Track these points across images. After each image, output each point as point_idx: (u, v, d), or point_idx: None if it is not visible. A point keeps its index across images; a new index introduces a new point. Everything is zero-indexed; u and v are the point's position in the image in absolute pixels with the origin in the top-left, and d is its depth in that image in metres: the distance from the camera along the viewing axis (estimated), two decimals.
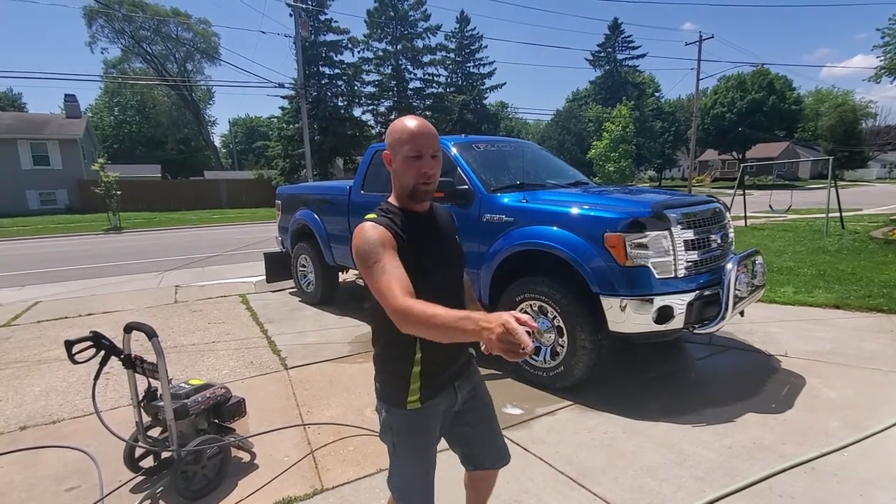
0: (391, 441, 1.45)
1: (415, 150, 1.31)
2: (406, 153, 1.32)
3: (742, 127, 41.16)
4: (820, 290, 5.49)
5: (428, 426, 1.43)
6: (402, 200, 1.40)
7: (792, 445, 2.53)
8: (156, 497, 2.27)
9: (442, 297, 1.27)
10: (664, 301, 2.90)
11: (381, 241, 1.26)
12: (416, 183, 1.34)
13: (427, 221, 1.43)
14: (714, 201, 3.64)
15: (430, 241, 1.39)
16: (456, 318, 1.07)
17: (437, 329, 1.11)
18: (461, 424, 1.54)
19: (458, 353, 1.45)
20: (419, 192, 1.35)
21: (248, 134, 58.47)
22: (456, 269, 1.49)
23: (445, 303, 1.22)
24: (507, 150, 4.68)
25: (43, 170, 26.25)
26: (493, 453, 1.60)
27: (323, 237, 5.50)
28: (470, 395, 1.54)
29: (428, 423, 1.43)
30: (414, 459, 1.44)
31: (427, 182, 1.34)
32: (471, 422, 1.55)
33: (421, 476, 1.45)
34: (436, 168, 1.35)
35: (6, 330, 5.07)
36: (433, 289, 1.30)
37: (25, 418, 3.10)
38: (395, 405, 1.41)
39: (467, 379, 1.52)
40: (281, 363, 3.94)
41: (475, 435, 1.57)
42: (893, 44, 12.99)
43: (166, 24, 41.41)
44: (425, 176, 1.33)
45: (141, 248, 12.18)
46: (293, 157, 27.38)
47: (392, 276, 1.22)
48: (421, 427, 1.42)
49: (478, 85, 34.28)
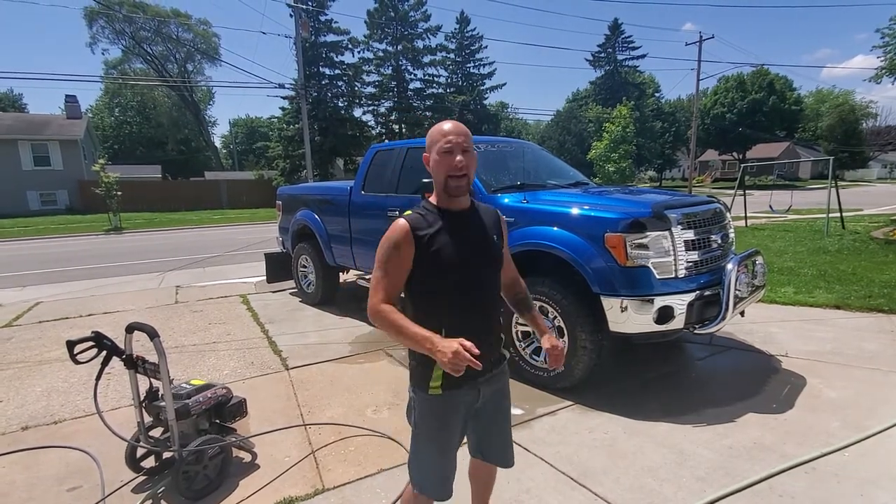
0: (413, 420, 1.54)
1: (447, 144, 1.40)
2: (438, 149, 1.41)
3: (742, 127, 41.16)
4: (820, 290, 5.49)
5: (446, 413, 1.49)
6: (439, 197, 1.48)
7: (792, 445, 2.53)
8: (157, 497, 2.28)
9: (460, 296, 1.46)
10: (665, 301, 2.90)
11: (394, 243, 1.39)
12: (447, 176, 1.41)
13: (459, 220, 1.47)
14: (714, 202, 3.64)
15: (454, 241, 1.43)
16: (418, 337, 1.31)
17: (403, 339, 1.35)
18: (480, 418, 1.61)
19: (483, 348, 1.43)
20: (451, 185, 1.42)
21: (249, 134, 58.48)
22: (482, 271, 1.50)
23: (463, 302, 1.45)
24: (507, 150, 4.68)
25: (43, 170, 26.26)
26: (500, 453, 1.68)
27: (323, 238, 5.50)
28: (494, 396, 1.59)
29: (447, 409, 1.49)
30: (431, 443, 1.51)
31: (458, 174, 1.41)
32: (489, 420, 1.62)
33: (436, 460, 1.52)
34: (467, 162, 1.41)
35: (8, 330, 5.08)
36: (452, 287, 1.44)
37: (27, 418, 3.10)
38: (420, 387, 1.49)
39: (494, 379, 1.57)
40: (282, 363, 3.94)
41: (490, 433, 1.64)
42: (893, 44, 12.98)
43: (167, 24, 41.38)
44: (455, 168, 1.40)
45: (141, 249, 12.19)
46: (293, 157, 27.38)
47: (385, 278, 1.40)
48: (440, 412, 1.49)
49: (478, 85, 34.32)
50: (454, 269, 1.42)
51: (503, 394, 1.64)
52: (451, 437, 1.52)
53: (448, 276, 1.42)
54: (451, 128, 1.42)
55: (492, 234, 1.54)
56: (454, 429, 1.51)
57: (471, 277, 1.46)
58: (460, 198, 1.46)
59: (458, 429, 1.53)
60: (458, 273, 1.43)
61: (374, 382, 3.54)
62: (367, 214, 4.92)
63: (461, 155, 1.40)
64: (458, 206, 1.48)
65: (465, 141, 1.41)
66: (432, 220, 1.44)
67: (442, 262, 1.41)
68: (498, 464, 1.69)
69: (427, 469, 1.54)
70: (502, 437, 1.67)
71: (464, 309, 1.46)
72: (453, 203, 1.47)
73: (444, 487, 1.54)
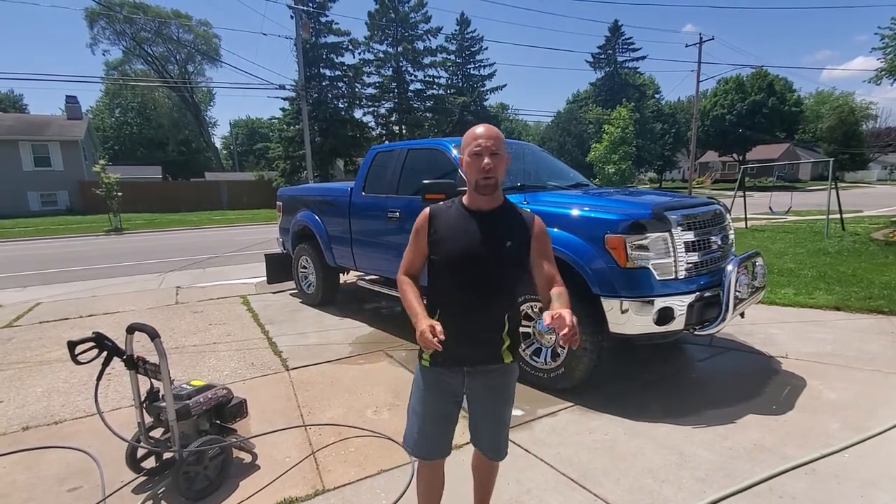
0: (414, 378, 1.73)
1: (476, 147, 1.52)
2: (469, 151, 1.54)
3: (742, 129, 41.20)
4: (820, 291, 5.49)
5: (429, 385, 1.65)
6: (469, 195, 1.61)
7: (793, 447, 2.53)
8: (157, 497, 2.28)
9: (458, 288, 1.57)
10: (665, 302, 2.90)
11: (417, 225, 1.64)
12: (477, 177, 1.54)
13: (479, 219, 1.57)
14: (714, 203, 3.64)
15: (463, 237, 1.56)
16: (412, 311, 1.52)
17: (406, 309, 1.56)
18: (473, 408, 1.71)
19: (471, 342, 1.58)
20: (480, 185, 1.54)
21: (249, 135, 58.51)
22: (485, 270, 1.55)
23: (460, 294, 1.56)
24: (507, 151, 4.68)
25: (44, 171, 26.28)
26: (489, 444, 1.74)
27: (324, 238, 5.51)
28: (486, 391, 1.66)
29: (430, 382, 1.65)
30: (417, 402, 1.68)
31: (487, 176, 1.52)
32: (481, 411, 1.70)
33: (413, 419, 1.69)
34: (495, 164, 1.52)
35: (8, 331, 5.08)
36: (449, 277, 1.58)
37: (28, 419, 3.10)
38: (419, 356, 1.67)
39: (483, 375, 1.64)
40: (282, 364, 3.94)
41: (480, 424, 1.72)
42: (893, 45, 13.00)
43: (167, 25, 41.42)
44: (483, 170, 1.52)
45: (141, 250, 12.20)
46: (294, 158, 27.37)
47: (408, 253, 1.68)
48: (426, 382, 1.66)
49: (478, 86, 34.32)
50: (454, 262, 1.56)
51: (497, 391, 1.67)
52: (428, 407, 1.65)
53: (447, 266, 1.58)
54: (481, 132, 1.54)
55: (510, 237, 1.56)
56: (434, 401, 1.65)
57: (470, 273, 1.55)
58: (488, 197, 1.57)
59: (439, 404, 1.65)
60: (457, 266, 1.56)
61: (374, 383, 3.54)
62: (367, 215, 4.92)
63: (489, 157, 1.51)
64: (486, 206, 1.58)
65: (493, 144, 1.52)
66: (454, 213, 1.60)
67: (445, 252, 1.57)
68: (487, 454, 1.75)
69: (409, 424, 1.71)
70: (491, 431, 1.71)
71: (458, 300, 1.58)
72: (481, 202, 1.58)
73: (416, 445, 1.68)
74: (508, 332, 1.62)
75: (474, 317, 1.57)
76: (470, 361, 1.61)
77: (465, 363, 1.61)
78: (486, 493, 1.89)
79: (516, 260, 1.59)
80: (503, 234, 1.56)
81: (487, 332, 1.59)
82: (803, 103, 48.42)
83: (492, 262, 1.55)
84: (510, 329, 1.62)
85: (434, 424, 1.66)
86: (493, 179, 1.53)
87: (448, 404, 1.67)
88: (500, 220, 1.58)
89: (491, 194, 1.56)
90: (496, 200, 1.59)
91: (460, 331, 1.52)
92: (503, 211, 1.60)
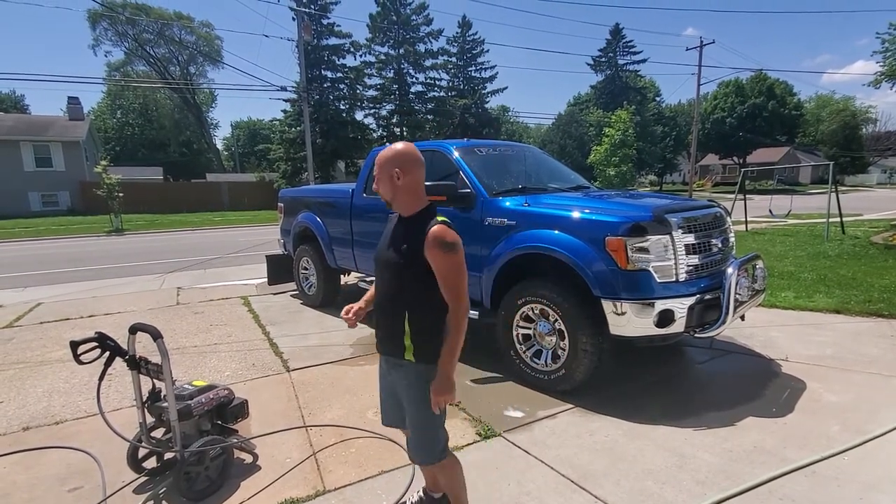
0: None
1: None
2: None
3: (742, 132, 41.21)
4: (820, 294, 5.49)
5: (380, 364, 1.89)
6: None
7: (793, 449, 2.54)
8: (159, 498, 2.28)
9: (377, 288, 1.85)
10: (665, 305, 2.91)
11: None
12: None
13: (394, 224, 1.80)
14: (715, 206, 3.65)
15: (383, 238, 1.82)
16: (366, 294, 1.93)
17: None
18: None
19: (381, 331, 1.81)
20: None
21: (250, 137, 58.61)
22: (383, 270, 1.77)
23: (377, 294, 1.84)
24: (508, 154, 4.70)
25: (45, 171, 26.31)
26: (408, 442, 1.88)
27: (325, 240, 5.52)
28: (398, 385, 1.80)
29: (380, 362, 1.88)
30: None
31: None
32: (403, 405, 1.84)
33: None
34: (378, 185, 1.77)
35: (9, 331, 5.09)
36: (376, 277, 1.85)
37: (28, 419, 3.11)
38: None
39: (392, 367, 1.81)
40: (283, 365, 3.95)
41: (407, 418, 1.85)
42: (893, 49, 13.03)
43: (169, 27, 41.54)
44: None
45: (142, 250, 12.21)
46: (295, 159, 27.42)
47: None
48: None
49: (479, 89, 34.36)
50: (375, 266, 1.82)
51: (403, 388, 1.77)
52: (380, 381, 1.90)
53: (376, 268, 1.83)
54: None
55: (406, 244, 1.68)
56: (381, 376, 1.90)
57: (377, 270, 1.82)
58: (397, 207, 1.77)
59: (382, 381, 1.89)
60: (376, 270, 1.82)
61: (374, 384, 3.49)
62: (368, 217, 4.93)
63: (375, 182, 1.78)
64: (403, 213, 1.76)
65: (377, 168, 1.74)
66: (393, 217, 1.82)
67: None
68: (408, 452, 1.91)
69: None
70: (410, 430, 1.82)
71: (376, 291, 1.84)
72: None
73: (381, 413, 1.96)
74: (412, 333, 1.69)
75: (379, 308, 1.80)
76: (380, 349, 1.84)
77: (383, 351, 1.83)
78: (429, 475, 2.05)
79: (401, 264, 1.69)
80: (403, 241, 1.71)
81: (387, 327, 1.77)
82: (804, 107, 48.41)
83: (387, 264, 1.75)
84: (415, 331, 1.68)
85: (385, 395, 1.91)
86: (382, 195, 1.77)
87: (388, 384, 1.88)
88: (404, 229, 1.74)
89: (389, 207, 1.78)
90: (407, 209, 1.73)
91: (377, 320, 1.80)
92: (411, 220, 1.73)
